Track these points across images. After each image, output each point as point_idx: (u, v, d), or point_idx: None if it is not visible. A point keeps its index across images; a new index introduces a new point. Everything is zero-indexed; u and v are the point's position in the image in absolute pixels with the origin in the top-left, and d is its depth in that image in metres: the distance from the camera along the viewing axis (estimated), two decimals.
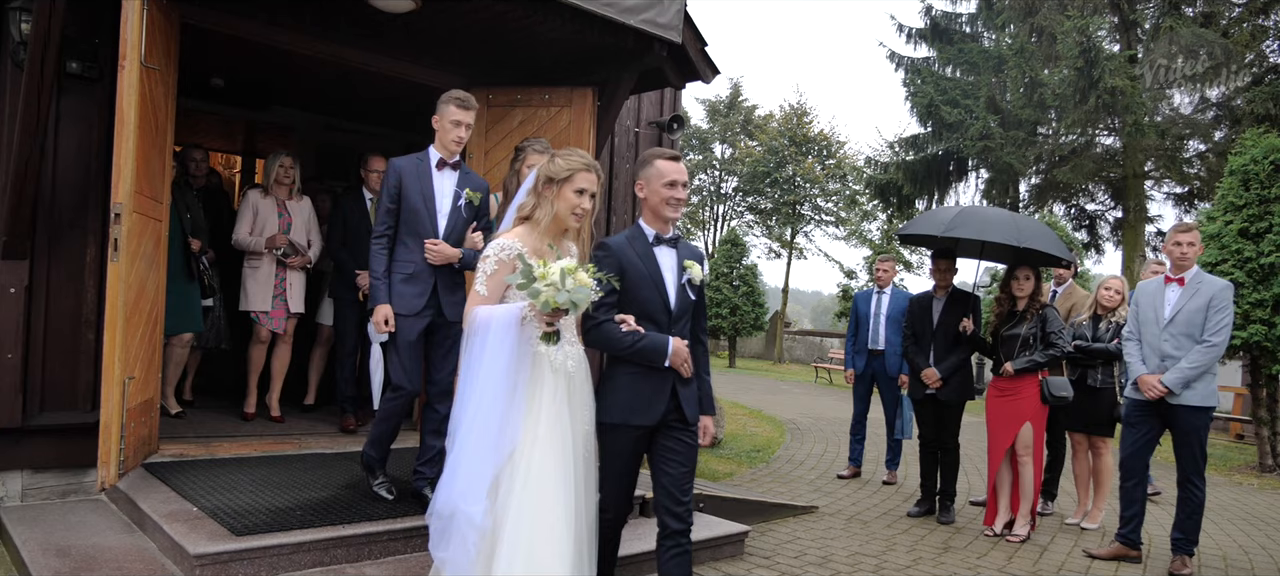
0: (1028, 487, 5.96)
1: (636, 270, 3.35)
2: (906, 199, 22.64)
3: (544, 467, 3.06)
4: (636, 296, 3.35)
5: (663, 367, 3.33)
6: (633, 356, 3.31)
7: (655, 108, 7.51)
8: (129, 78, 4.20)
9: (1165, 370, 5.22)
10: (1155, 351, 5.31)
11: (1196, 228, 5.34)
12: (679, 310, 3.41)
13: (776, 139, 30.22)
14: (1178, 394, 5.16)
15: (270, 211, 6.23)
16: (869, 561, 5.25)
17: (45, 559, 3.63)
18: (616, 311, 3.31)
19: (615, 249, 3.37)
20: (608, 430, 3.38)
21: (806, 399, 16.13)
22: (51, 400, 4.62)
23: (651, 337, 3.30)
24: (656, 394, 3.35)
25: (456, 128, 4.24)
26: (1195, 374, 5.12)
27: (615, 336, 3.29)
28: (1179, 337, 5.22)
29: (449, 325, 4.32)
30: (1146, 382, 5.26)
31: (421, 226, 4.24)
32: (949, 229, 6.13)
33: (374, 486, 4.46)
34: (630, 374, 3.35)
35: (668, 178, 3.37)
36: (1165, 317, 5.28)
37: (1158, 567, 5.49)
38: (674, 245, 3.47)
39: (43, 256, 4.65)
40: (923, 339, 6.43)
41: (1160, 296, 5.36)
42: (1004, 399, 5.97)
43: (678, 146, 7.47)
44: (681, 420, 3.41)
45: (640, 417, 3.34)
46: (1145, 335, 5.40)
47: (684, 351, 3.36)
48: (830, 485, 7.65)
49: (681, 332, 3.43)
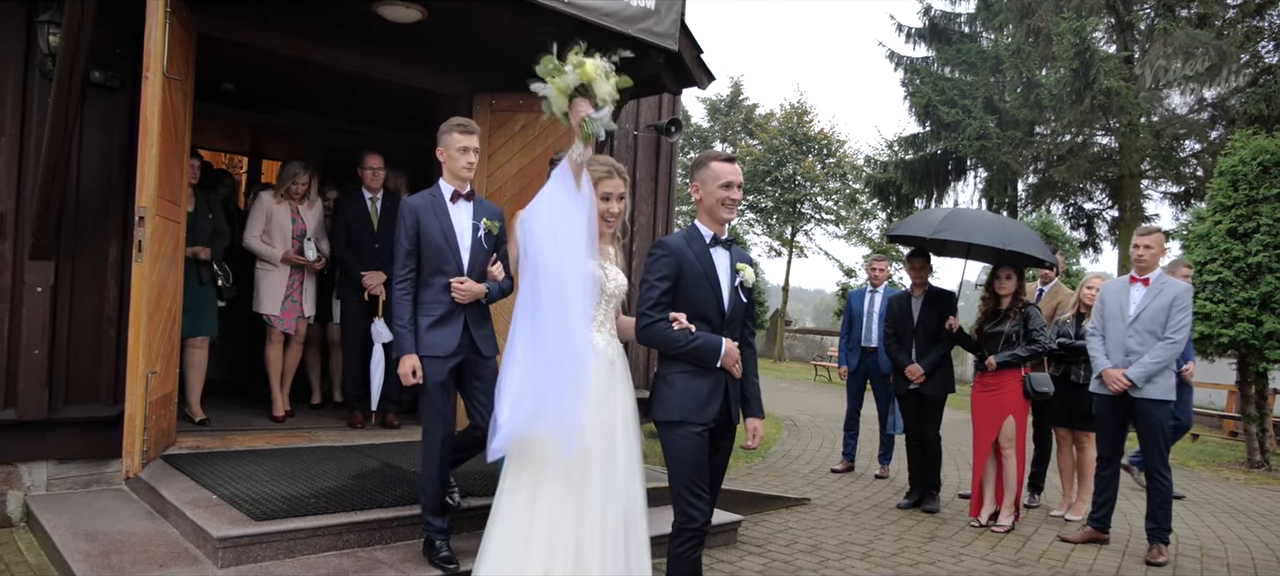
0: (1011, 479, 6.20)
1: (693, 270, 3.40)
2: (905, 198, 22.89)
3: (590, 452, 3.22)
4: (692, 296, 3.39)
5: (714, 368, 3.39)
6: (686, 355, 3.37)
7: (654, 111, 7.75)
8: (153, 88, 4.43)
9: (1129, 364, 5.50)
10: (1119, 347, 5.60)
11: (1158, 231, 5.63)
12: (732, 312, 3.46)
13: (777, 138, 30.42)
14: (1140, 387, 5.44)
15: (284, 216, 6.35)
16: (857, 549, 5.49)
17: (75, 542, 3.88)
18: (671, 310, 3.39)
19: (674, 248, 3.42)
20: (668, 429, 3.41)
21: (805, 396, 16.35)
22: (75, 394, 4.86)
23: (706, 337, 3.36)
24: (712, 393, 3.40)
25: (465, 154, 4.04)
26: (1157, 368, 5.42)
27: (670, 335, 3.35)
28: (1143, 334, 5.51)
29: (484, 359, 4.07)
30: (1111, 376, 5.54)
31: (445, 265, 4.00)
32: (938, 231, 6.36)
33: (438, 559, 4.00)
34: (684, 373, 3.40)
35: (723, 179, 3.43)
36: (1130, 315, 5.57)
37: (1135, 556, 5.72)
38: (728, 248, 3.52)
39: (67, 257, 4.88)
40: (904, 336, 6.68)
41: (1125, 295, 5.64)
42: (988, 394, 6.21)
43: (677, 149, 7.69)
44: (728, 421, 3.49)
45: (699, 415, 3.37)
46: (1110, 331, 5.68)
47: (736, 352, 3.42)
48: (824, 479, 7.89)
49: (733, 335, 3.47)
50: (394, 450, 5.54)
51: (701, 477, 3.39)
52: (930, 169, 22.46)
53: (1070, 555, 5.67)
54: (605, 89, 3.16)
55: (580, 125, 3.15)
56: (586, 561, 3.21)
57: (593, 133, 3.14)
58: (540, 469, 3.25)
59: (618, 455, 3.33)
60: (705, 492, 3.39)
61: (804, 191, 30.57)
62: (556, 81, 3.16)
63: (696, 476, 3.37)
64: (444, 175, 4.12)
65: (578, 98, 3.17)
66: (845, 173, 30.00)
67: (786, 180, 30.36)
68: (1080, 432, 6.72)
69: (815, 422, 12.07)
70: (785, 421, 11.97)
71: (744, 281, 3.50)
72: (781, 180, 30.32)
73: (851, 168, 29.63)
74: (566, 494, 3.23)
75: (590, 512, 3.24)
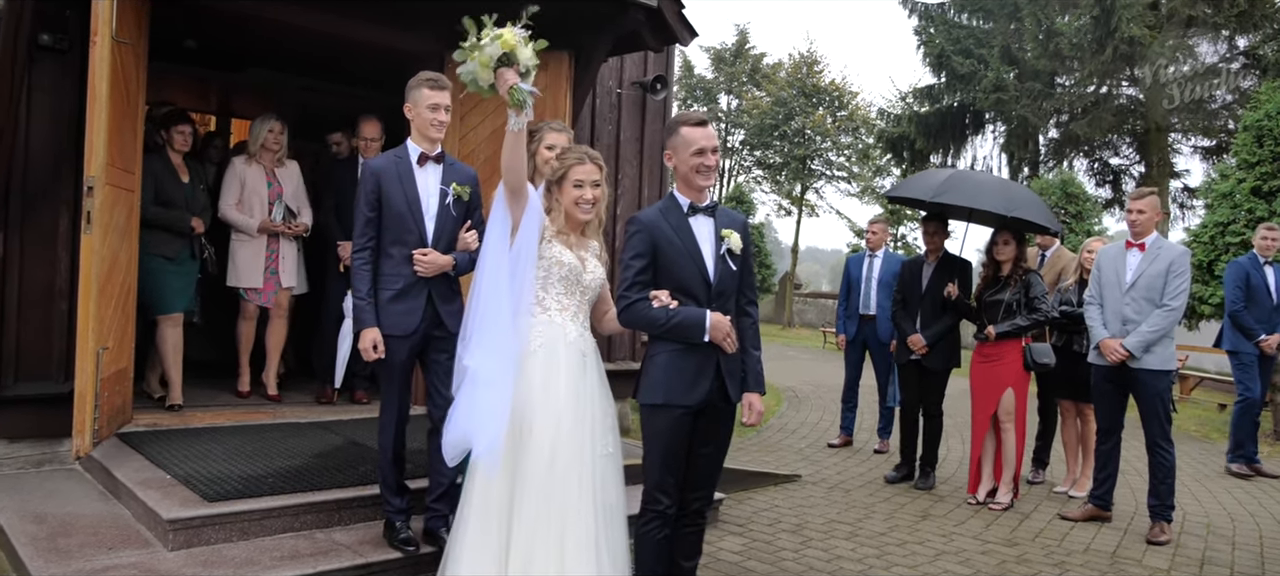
0: (1010, 455, 6.23)
1: (671, 244, 3.35)
2: (919, 154, 22.77)
3: (557, 453, 3.24)
4: (673, 271, 3.35)
5: (704, 344, 3.34)
6: (669, 333, 3.32)
7: (639, 68, 7.69)
8: (100, 53, 4.43)
9: (1126, 333, 5.52)
10: (1117, 316, 5.62)
11: (1153, 193, 5.65)
12: (720, 283, 3.40)
13: (785, 89, 30.18)
14: (1139, 357, 5.46)
15: (258, 181, 6.20)
16: (843, 528, 5.55)
17: (22, 525, 3.95)
18: (651, 288, 3.35)
19: (647, 223, 3.38)
20: (650, 412, 3.39)
21: (811, 365, 16.39)
22: (26, 370, 4.93)
23: (687, 312, 3.31)
24: (700, 372, 3.35)
25: (434, 112, 3.92)
26: (1155, 337, 5.43)
27: (650, 314, 3.30)
28: (1140, 302, 5.52)
29: (449, 336, 3.92)
30: (1108, 346, 5.56)
31: (407, 234, 3.92)
32: (938, 194, 6.33)
33: (398, 541, 4.04)
34: (670, 352, 3.36)
35: (695, 145, 3.36)
36: (1126, 282, 5.59)
37: (1137, 534, 5.76)
38: (711, 214, 3.45)
39: (15, 228, 4.92)
40: (911, 304, 6.68)
41: (1121, 261, 5.66)
42: (987, 365, 6.23)
43: (668, 106, 7.65)
44: (725, 399, 3.43)
45: (683, 397, 3.33)
46: (1107, 299, 5.70)
47: (725, 325, 3.33)
48: (819, 454, 7.94)
49: (726, 308, 3.41)
50: (360, 426, 5.60)
51: (676, 464, 3.41)
52: (946, 123, 22.32)
53: (1068, 533, 5.73)
54: (526, 55, 3.24)
55: (509, 93, 3.22)
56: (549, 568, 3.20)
57: (522, 100, 3.22)
58: (511, 471, 3.26)
59: (587, 459, 3.32)
60: (674, 480, 3.41)
61: (814, 146, 30.38)
62: (478, 56, 3.22)
63: (670, 461, 3.39)
64: (412, 135, 4.01)
65: (501, 67, 3.24)
66: (857, 127, 29.80)
67: (795, 134, 30.15)
68: (1084, 405, 6.73)
69: (818, 394, 12.11)
70: (786, 393, 12.02)
71: (731, 248, 3.43)
72: (790, 134, 30.11)
73: (864, 121, 29.42)
74: (535, 499, 3.22)
75: (557, 518, 3.23)
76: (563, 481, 3.24)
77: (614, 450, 3.46)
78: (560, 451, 3.25)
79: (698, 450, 3.48)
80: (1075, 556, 5.27)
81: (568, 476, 3.25)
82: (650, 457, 3.41)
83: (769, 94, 30.99)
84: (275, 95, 9.01)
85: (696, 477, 3.53)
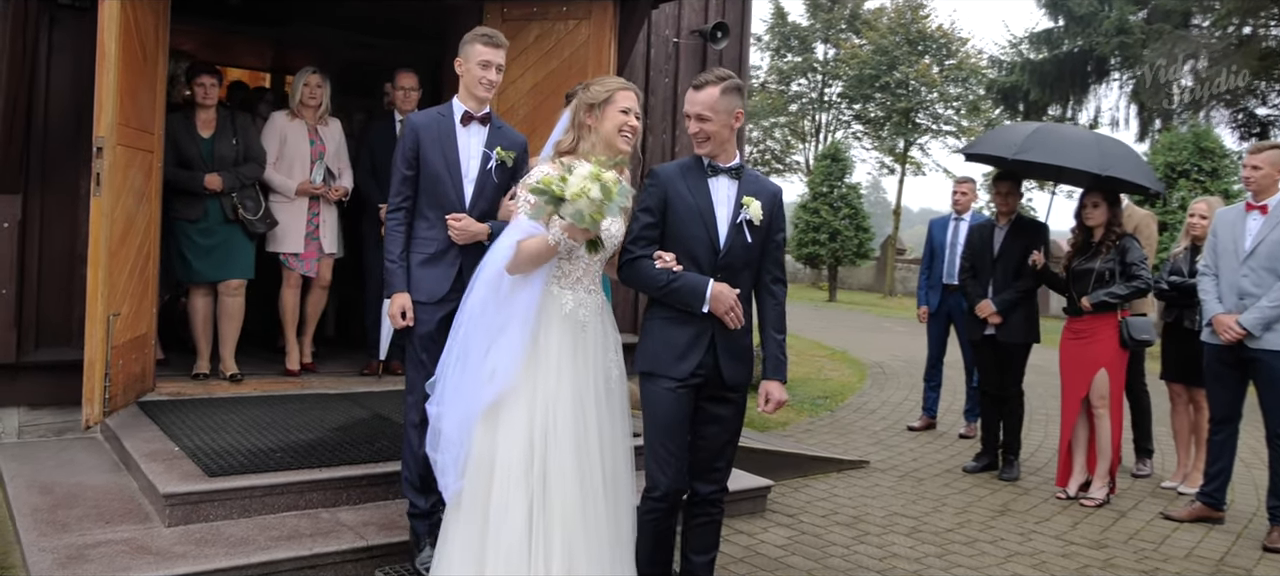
0: (1105, 444, 5.86)
1: (683, 201, 3.29)
2: (1034, 105, 21.73)
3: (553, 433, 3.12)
4: (680, 233, 3.29)
5: (703, 315, 3.26)
6: (666, 298, 3.27)
7: (699, 14, 7.44)
8: (109, 9, 4.44)
9: (1244, 308, 5.09)
10: (1233, 288, 5.20)
11: (1274, 147, 5.13)
12: (731, 253, 3.31)
13: (887, 37, 29.23)
14: (1258, 337, 5.03)
15: (300, 137, 6.13)
16: (906, 522, 5.30)
17: (28, 494, 4.08)
18: (658, 247, 3.29)
19: (662, 177, 3.34)
20: (642, 380, 3.36)
21: (906, 338, 15.89)
22: (46, 336, 5.08)
23: (688, 277, 3.24)
24: (692, 345, 3.28)
25: (485, 70, 3.83)
26: (1277, 313, 4.99)
27: (649, 274, 3.26)
28: (1260, 272, 5.09)
29: None
30: (1222, 323, 5.15)
31: (444, 196, 3.87)
32: (1020, 151, 6.02)
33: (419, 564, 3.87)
34: (665, 319, 3.32)
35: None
36: (1245, 250, 5.17)
37: (1252, 539, 5.34)
38: (737, 177, 3.38)
39: (36, 191, 5.06)
40: (982, 271, 6.37)
41: (1240, 226, 5.22)
42: (1078, 342, 5.86)
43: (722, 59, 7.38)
44: (719, 379, 3.34)
45: (670, 368, 3.27)
46: (1223, 269, 5.29)
47: (728, 298, 3.24)
48: (896, 438, 7.66)
49: (736, 282, 3.31)
50: (389, 399, 5.60)
51: (671, 440, 3.30)
52: (1063, 71, 21.21)
53: (1170, 536, 5.35)
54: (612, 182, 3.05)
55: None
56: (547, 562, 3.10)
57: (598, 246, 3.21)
58: (493, 459, 3.16)
59: (590, 435, 3.18)
60: (673, 457, 3.30)
61: (919, 98, 29.39)
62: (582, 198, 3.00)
63: (665, 437, 3.29)
64: (459, 92, 3.95)
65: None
66: (966, 77, 28.66)
67: (898, 85, 29.19)
68: (1196, 390, 6.27)
69: (908, 370, 11.70)
70: (871, 368, 11.68)
71: (750, 217, 3.32)
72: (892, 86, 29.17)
73: (974, 71, 28.28)
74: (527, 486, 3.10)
75: (557, 504, 3.11)
76: (557, 470, 3.11)
77: (622, 430, 3.30)
78: (550, 437, 3.11)
79: (698, 429, 3.38)
80: (1172, 562, 4.91)
81: (562, 464, 3.11)
82: (647, 431, 3.35)
83: (870, 41, 30.07)
84: (322, 50, 9.12)
85: (700, 462, 3.41)
